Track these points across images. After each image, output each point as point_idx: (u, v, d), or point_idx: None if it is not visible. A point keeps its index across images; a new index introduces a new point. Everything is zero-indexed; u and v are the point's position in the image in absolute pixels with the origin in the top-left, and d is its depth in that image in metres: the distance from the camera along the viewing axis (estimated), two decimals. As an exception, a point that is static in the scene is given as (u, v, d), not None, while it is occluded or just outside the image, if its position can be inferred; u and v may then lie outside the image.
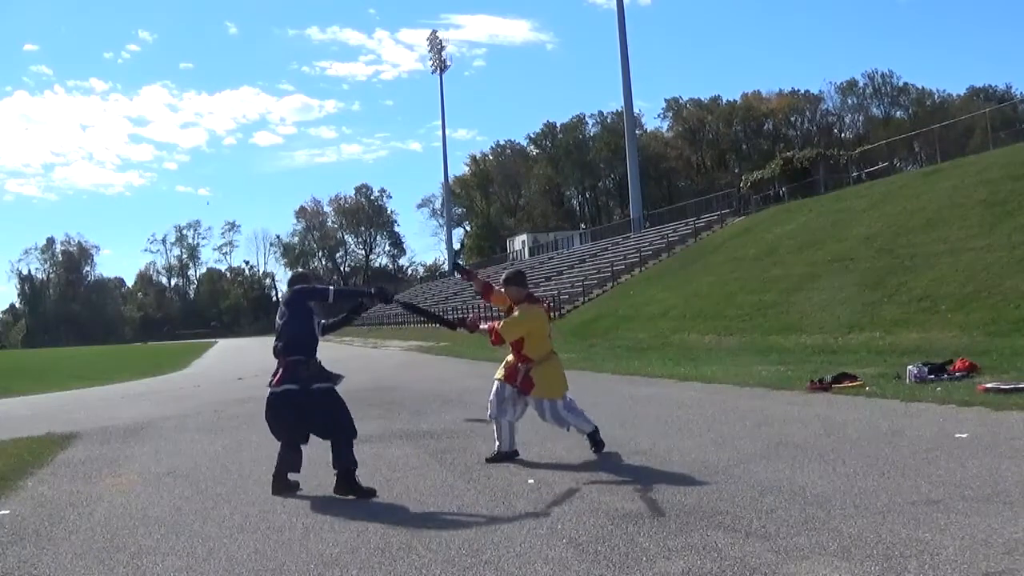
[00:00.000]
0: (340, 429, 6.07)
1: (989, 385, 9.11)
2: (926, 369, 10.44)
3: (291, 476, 6.26)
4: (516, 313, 6.98)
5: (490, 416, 7.12)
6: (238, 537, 5.01)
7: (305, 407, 6.06)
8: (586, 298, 35.66)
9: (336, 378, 6.22)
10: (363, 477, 6.52)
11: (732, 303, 22.23)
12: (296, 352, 6.12)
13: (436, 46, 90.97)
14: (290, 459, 6.22)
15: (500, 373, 7.13)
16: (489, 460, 6.98)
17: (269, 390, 6.21)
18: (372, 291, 6.42)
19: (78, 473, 7.61)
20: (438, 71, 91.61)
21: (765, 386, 11.26)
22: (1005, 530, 4.20)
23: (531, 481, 6.15)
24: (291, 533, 5.05)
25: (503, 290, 7.17)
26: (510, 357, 7.11)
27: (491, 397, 7.08)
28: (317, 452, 7.95)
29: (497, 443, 7.07)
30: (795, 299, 20.35)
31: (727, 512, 4.89)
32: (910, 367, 10.60)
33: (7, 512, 6.03)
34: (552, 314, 33.98)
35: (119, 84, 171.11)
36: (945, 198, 22.31)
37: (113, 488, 6.85)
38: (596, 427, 7.10)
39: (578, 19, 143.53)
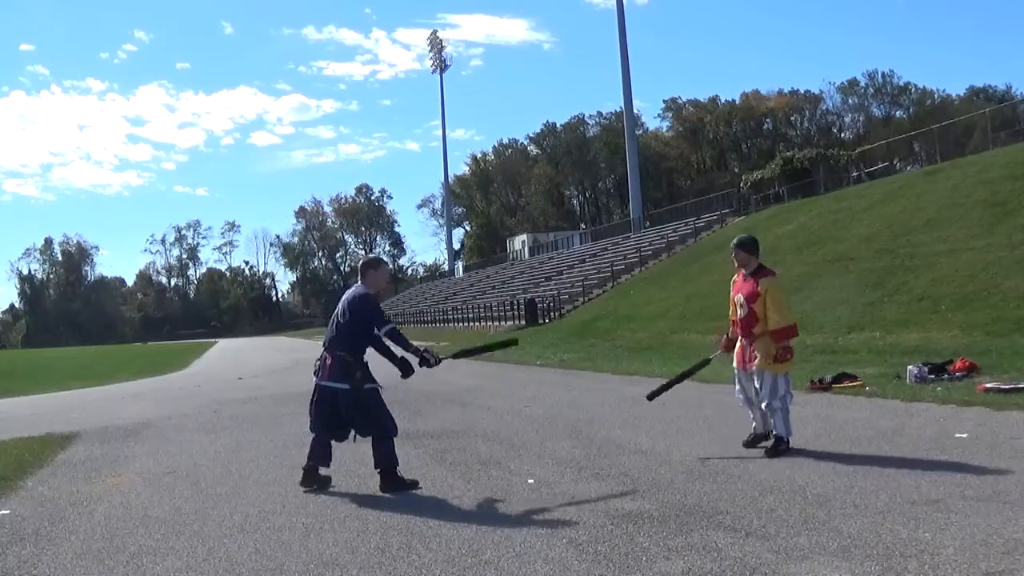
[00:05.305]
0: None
1: (989, 385, 9.10)
2: (926, 369, 10.43)
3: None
4: (775, 293, 6.91)
5: (740, 403, 7.12)
6: (238, 537, 5.01)
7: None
8: (586, 298, 35.66)
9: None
10: (364, 477, 6.53)
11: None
12: None
13: (436, 46, 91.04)
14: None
15: (734, 358, 7.14)
16: (745, 444, 6.93)
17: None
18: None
19: (78, 473, 7.61)
20: (438, 71, 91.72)
21: (765, 386, 11.21)
22: (1005, 530, 4.20)
23: (531, 481, 6.16)
24: (291, 533, 5.05)
25: (737, 255, 6.96)
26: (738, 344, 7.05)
27: (736, 384, 7.11)
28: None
29: (753, 425, 7.02)
30: (795, 299, 20.24)
31: (727, 512, 4.89)
32: (910, 367, 10.60)
33: (7, 512, 6.03)
34: (552, 314, 34.21)
35: (116, 84, 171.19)
36: (945, 198, 22.31)
37: (113, 488, 6.85)
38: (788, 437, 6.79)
39: (575, 19, 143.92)
